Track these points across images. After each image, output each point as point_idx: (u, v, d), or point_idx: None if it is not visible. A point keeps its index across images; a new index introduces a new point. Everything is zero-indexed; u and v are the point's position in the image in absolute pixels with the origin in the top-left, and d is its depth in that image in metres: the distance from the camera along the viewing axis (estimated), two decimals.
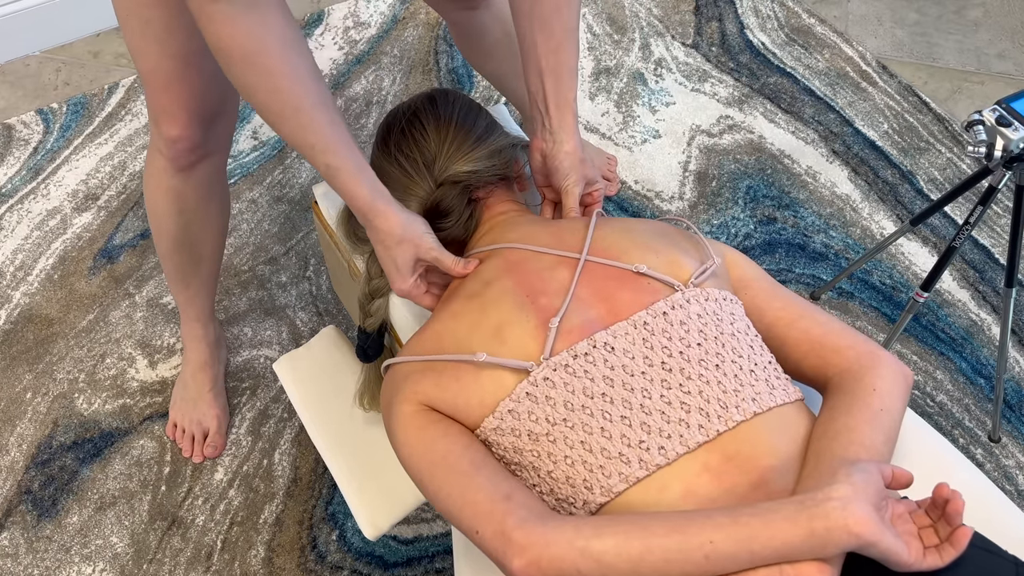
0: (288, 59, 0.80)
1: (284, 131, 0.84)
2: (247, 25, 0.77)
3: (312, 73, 0.83)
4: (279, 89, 0.81)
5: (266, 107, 0.82)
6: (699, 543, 0.64)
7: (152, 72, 1.08)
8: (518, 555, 0.67)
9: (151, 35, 1.04)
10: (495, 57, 1.57)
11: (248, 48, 0.78)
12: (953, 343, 1.60)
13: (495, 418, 0.78)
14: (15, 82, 2.06)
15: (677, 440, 0.74)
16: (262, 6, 0.77)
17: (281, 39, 0.79)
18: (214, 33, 0.78)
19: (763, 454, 0.74)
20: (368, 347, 1.03)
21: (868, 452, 0.73)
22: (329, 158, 0.85)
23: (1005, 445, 1.47)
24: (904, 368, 0.81)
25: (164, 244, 1.32)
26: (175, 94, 1.10)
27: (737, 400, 0.76)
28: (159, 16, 1.02)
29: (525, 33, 0.95)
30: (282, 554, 1.36)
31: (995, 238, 1.75)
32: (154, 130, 1.17)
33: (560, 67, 0.95)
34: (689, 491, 0.73)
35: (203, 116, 1.15)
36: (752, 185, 1.84)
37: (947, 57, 2.12)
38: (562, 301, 0.82)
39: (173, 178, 1.21)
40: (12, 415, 1.51)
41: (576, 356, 0.78)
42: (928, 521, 0.67)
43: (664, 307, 0.81)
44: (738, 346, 0.80)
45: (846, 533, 0.62)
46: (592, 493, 0.75)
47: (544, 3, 0.93)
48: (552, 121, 0.97)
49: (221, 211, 1.32)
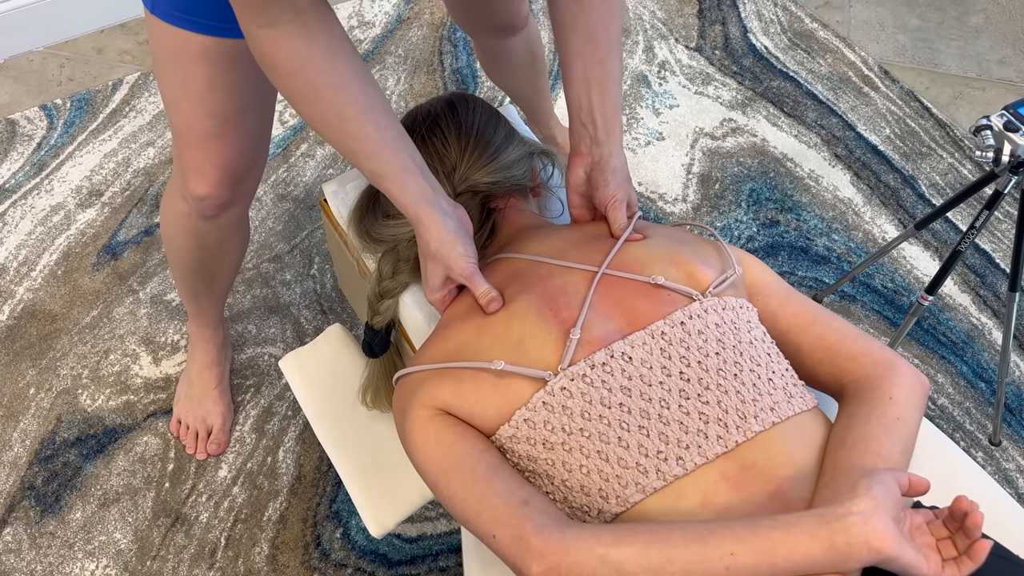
0: (333, 69, 0.80)
1: (329, 138, 0.83)
2: (292, 43, 0.77)
3: (359, 78, 0.81)
4: (322, 100, 0.80)
5: (311, 117, 0.82)
6: (720, 555, 0.64)
7: (186, 127, 1.04)
8: (537, 561, 0.67)
9: (191, 90, 1.00)
10: (517, 76, 1.59)
11: (291, 65, 0.78)
12: (954, 347, 1.61)
13: (510, 426, 0.78)
14: (19, 77, 2.05)
15: (695, 451, 0.74)
16: (309, 25, 0.77)
17: (326, 50, 0.79)
18: (259, 49, 0.79)
19: (780, 464, 0.74)
20: (374, 343, 1.03)
21: (885, 462, 0.72)
22: (374, 163, 0.84)
23: (1006, 449, 1.48)
24: (920, 376, 0.80)
25: (178, 269, 1.31)
26: (208, 153, 1.06)
27: (755, 410, 0.76)
28: (202, 73, 0.98)
29: (569, 44, 0.92)
30: (286, 551, 1.36)
31: (996, 243, 1.76)
32: (179, 179, 1.12)
33: (606, 78, 0.91)
34: (707, 500, 0.72)
35: (233, 176, 1.11)
36: (755, 188, 1.85)
37: (949, 63, 2.13)
38: (582, 315, 0.82)
39: (195, 223, 1.18)
40: (15, 411, 1.51)
41: (594, 366, 0.78)
42: (946, 533, 0.67)
43: (682, 317, 0.81)
44: (756, 355, 0.80)
45: (867, 548, 0.62)
46: (608, 503, 0.74)
47: (590, 15, 0.90)
48: (600, 133, 0.93)
49: (241, 245, 1.29)
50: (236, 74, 0.99)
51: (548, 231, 0.97)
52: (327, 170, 1.87)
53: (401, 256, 1.01)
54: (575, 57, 0.91)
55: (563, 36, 0.92)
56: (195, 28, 0.93)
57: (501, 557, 0.71)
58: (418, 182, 0.85)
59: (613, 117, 0.92)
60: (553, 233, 0.96)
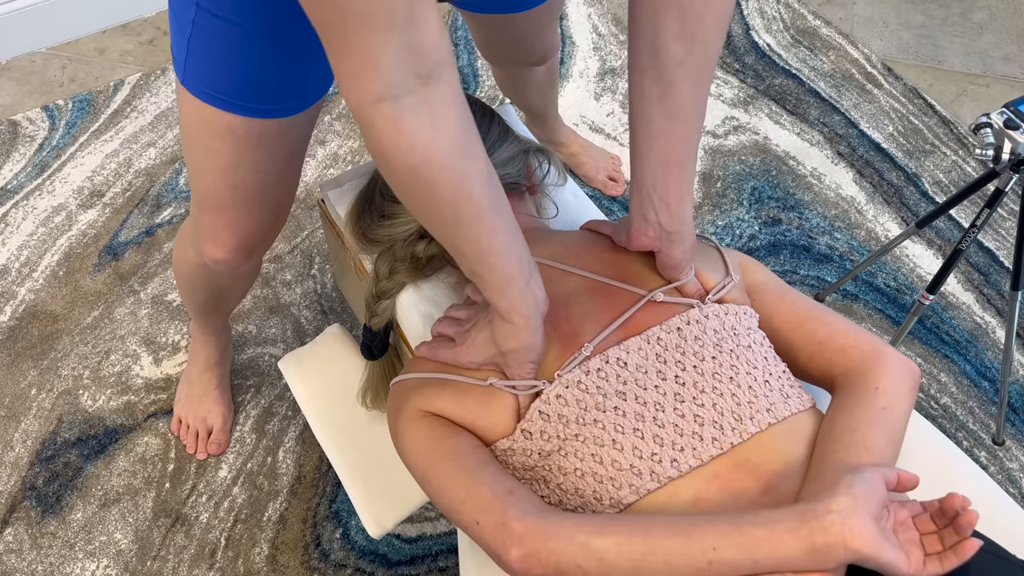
0: (456, 167, 0.69)
1: (438, 235, 0.76)
2: (415, 129, 0.66)
3: (480, 177, 0.72)
4: (440, 200, 0.71)
5: (424, 215, 0.74)
6: (702, 548, 0.64)
7: (207, 196, 1.01)
8: (517, 545, 0.67)
9: (215, 165, 0.96)
10: (533, 94, 1.59)
11: (413, 159, 0.67)
12: (957, 346, 1.60)
13: (509, 440, 0.79)
14: (20, 78, 2.06)
15: (690, 453, 0.74)
16: (434, 100, 0.66)
17: (452, 141, 0.68)
18: (375, 138, 0.67)
19: (771, 460, 0.74)
20: (373, 345, 1.03)
21: (870, 453, 0.72)
22: (477, 267, 0.77)
23: (1009, 448, 1.47)
24: (909, 364, 0.80)
25: (188, 300, 1.31)
26: (227, 221, 1.03)
27: (751, 412, 0.76)
28: (228, 150, 0.94)
29: (652, 118, 0.81)
30: (286, 552, 1.36)
31: (999, 241, 1.75)
32: (194, 234, 1.10)
33: (688, 156, 0.82)
34: (699, 497, 0.73)
35: (251, 243, 1.08)
36: (757, 186, 1.84)
37: (952, 60, 2.12)
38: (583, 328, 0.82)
39: (208, 272, 1.16)
40: (17, 411, 1.51)
41: (588, 372, 0.78)
42: (932, 527, 0.67)
43: (679, 322, 0.81)
44: (753, 358, 0.80)
45: (844, 548, 0.62)
46: (601, 504, 0.75)
47: (679, 88, 0.78)
48: (673, 221, 0.84)
49: (253, 279, 1.28)
50: (262, 152, 0.96)
51: (546, 233, 0.97)
52: (327, 170, 1.87)
53: (398, 256, 1.01)
54: (657, 135, 0.81)
55: (646, 108, 0.81)
56: (223, 107, 0.90)
57: (483, 545, 0.71)
58: (517, 287, 0.78)
59: (688, 196, 0.85)
60: (551, 236, 0.96)
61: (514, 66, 1.46)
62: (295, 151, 1.01)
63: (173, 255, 1.25)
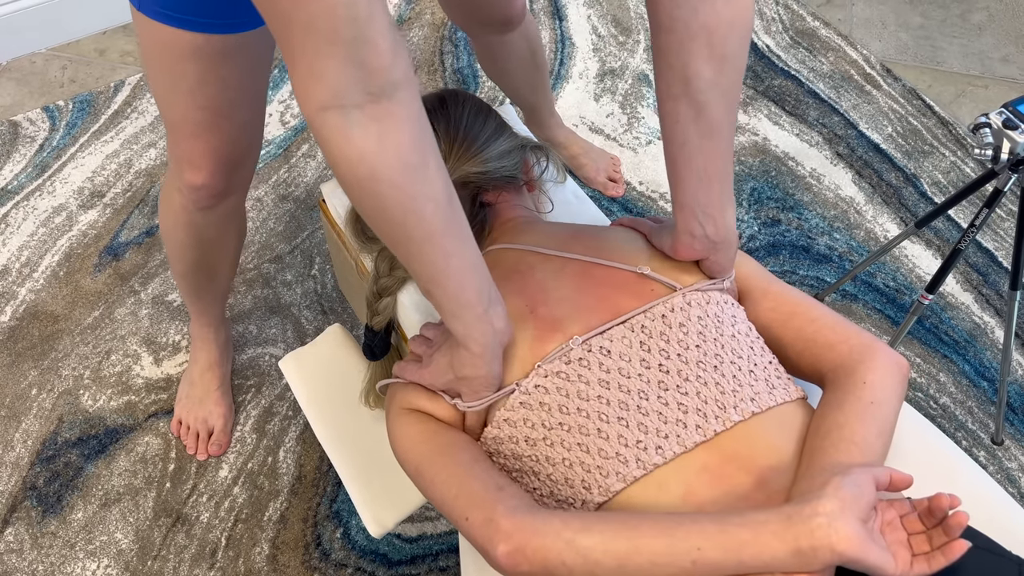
0: (405, 188, 0.68)
1: (392, 249, 0.76)
2: (361, 144, 0.65)
3: (433, 202, 0.71)
4: (390, 219, 0.71)
5: (375, 226, 0.73)
6: (687, 548, 0.65)
7: (179, 122, 1.03)
8: (504, 541, 0.68)
9: (183, 88, 0.98)
10: (516, 75, 1.58)
11: (360, 172, 0.67)
12: (956, 346, 1.60)
13: (494, 427, 0.80)
14: (21, 79, 2.06)
15: (674, 440, 0.75)
16: (383, 119, 0.65)
17: (401, 162, 0.67)
18: (324, 144, 0.67)
19: (761, 454, 0.75)
20: (375, 345, 1.04)
21: (859, 448, 0.72)
22: (431, 287, 0.76)
23: (1008, 448, 1.48)
24: (898, 358, 0.80)
25: (179, 267, 1.31)
26: (202, 144, 1.05)
27: (735, 400, 0.77)
28: (193, 70, 0.96)
29: (688, 139, 0.81)
30: (286, 551, 1.36)
31: (998, 241, 1.75)
32: (175, 172, 1.13)
33: (727, 168, 0.83)
34: (689, 491, 0.73)
35: (228, 165, 1.10)
36: (756, 187, 1.84)
37: (951, 61, 2.12)
38: (561, 311, 0.82)
39: (192, 216, 1.18)
40: (17, 411, 1.51)
41: (569, 362, 0.79)
42: (921, 527, 0.66)
43: (663, 310, 0.81)
44: (738, 347, 0.80)
45: (830, 551, 0.62)
46: (591, 493, 0.75)
47: (713, 108, 0.79)
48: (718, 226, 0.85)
49: (238, 236, 1.30)
50: (227, 68, 0.98)
51: (540, 224, 0.98)
52: (328, 170, 1.87)
53: None
54: (694, 154, 0.81)
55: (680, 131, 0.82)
56: (184, 26, 0.92)
57: (472, 541, 0.72)
58: (473, 314, 0.77)
59: (730, 205, 0.85)
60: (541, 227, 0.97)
61: (482, 30, 1.45)
62: (258, 67, 1.03)
63: (159, 214, 1.25)
